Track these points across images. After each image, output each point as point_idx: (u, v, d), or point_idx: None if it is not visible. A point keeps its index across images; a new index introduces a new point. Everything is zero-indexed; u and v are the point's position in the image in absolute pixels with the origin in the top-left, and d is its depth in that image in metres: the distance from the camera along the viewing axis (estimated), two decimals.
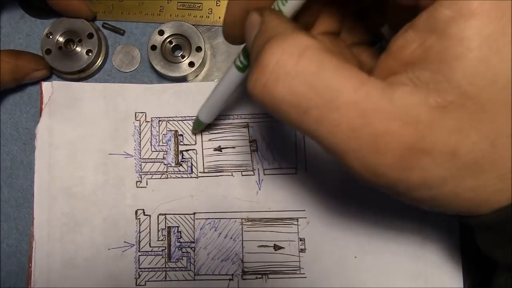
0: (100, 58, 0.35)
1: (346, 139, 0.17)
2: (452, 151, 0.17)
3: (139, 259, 0.33)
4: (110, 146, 0.34)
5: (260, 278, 0.33)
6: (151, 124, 0.34)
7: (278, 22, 0.19)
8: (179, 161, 0.34)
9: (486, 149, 0.17)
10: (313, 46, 0.18)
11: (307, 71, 0.17)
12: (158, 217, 0.33)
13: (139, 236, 0.33)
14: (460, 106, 0.16)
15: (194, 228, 0.33)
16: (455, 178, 0.17)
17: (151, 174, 0.34)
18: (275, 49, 0.18)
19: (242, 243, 0.33)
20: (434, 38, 0.16)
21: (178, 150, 0.34)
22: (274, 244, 0.33)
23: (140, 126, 0.34)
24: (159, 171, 0.34)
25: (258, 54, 0.18)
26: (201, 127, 0.33)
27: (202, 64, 0.34)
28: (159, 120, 0.34)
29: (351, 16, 0.25)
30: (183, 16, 0.35)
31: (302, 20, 0.23)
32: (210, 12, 0.35)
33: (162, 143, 0.34)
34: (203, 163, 0.34)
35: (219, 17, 0.35)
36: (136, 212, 0.33)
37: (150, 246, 0.33)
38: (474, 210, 0.18)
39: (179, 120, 0.34)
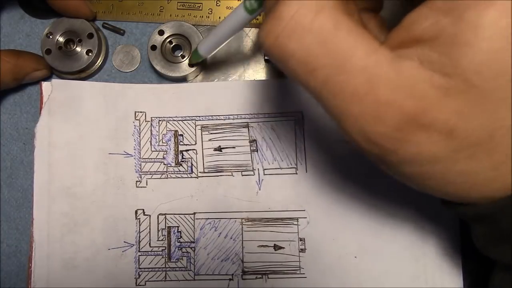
0: (100, 58, 0.35)
1: (348, 103, 0.17)
2: (450, 132, 0.17)
3: (139, 259, 0.33)
4: (110, 146, 0.34)
5: (260, 278, 0.33)
6: (151, 124, 0.34)
7: None
8: (179, 161, 0.34)
9: (483, 138, 0.17)
10: (331, 5, 0.17)
11: (322, 30, 0.17)
12: (158, 217, 0.33)
13: (139, 236, 0.33)
14: (464, 91, 0.16)
15: (194, 228, 0.33)
16: (448, 159, 0.17)
17: (151, 174, 0.34)
18: (292, 3, 0.17)
19: (242, 243, 0.33)
20: (448, 20, 0.16)
21: (178, 150, 0.34)
22: (274, 244, 0.33)
23: (139, 125, 0.34)
24: (159, 171, 0.34)
25: (273, 4, 0.18)
26: (197, 59, 0.32)
27: (202, 64, 0.34)
28: (159, 120, 0.34)
29: None
30: (183, 16, 0.35)
31: None
32: (210, 12, 0.35)
33: (162, 143, 0.34)
34: (203, 163, 0.34)
35: (219, 17, 0.35)
36: (136, 212, 0.33)
37: (150, 246, 0.33)
38: (462, 196, 0.18)
39: (179, 120, 0.34)
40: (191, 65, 0.34)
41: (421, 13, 0.17)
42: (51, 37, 0.34)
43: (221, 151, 0.34)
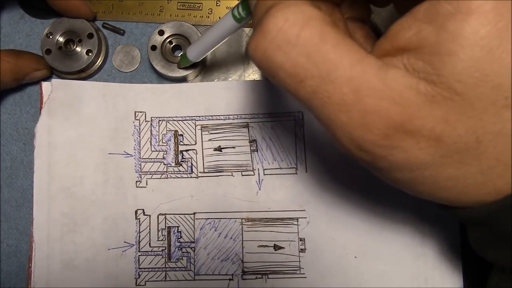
0: (100, 58, 0.35)
1: (336, 112, 0.18)
2: (437, 138, 0.17)
3: (139, 259, 0.33)
4: (109, 146, 0.34)
5: (260, 278, 0.33)
6: (151, 124, 0.34)
7: None
8: (179, 161, 0.34)
9: (471, 144, 0.17)
10: (317, 17, 0.18)
11: (308, 42, 0.17)
12: (158, 217, 0.33)
13: (139, 236, 0.33)
14: (448, 99, 0.16)
15: (194, 228, 0.33)
16: (437, 165, 0.17)
17: (151, 174, 0.34)
18: (278, 16, 0.18)
19: (242, 243, 0.33)
20: (430, 29, 0.17)
21: (178, 150, 0.34)
22: (274, 244, 0.33)
23: (139, 125, 0.34)
24: (159, 171, 0.34)
25: (261, 17, 0.18)
26: (186, 63, 0.33)
27: (202, 64, 0.34)
28: (159, 120, 0.34)
29: None
30: (183, 16, 0.35)
31: None
32: (210, 12, 0.35)
33: (162, 143, 0.34)
34: (203, 163, 0.34)
35: (219, 17, 0.35)
36: (136, 212, 0.33)
37: (150, 246, 0.33)
38: (454, 200, 0.19)
39: (179, 120, 0.34)
40: (181, 68, 0.34)
41: (405, 23, 0.18)
42: (51, 37, 0.34)
43: (221, 151, 0.34)
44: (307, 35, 0.17)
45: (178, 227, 0.33)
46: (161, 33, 0.34)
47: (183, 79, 0.35)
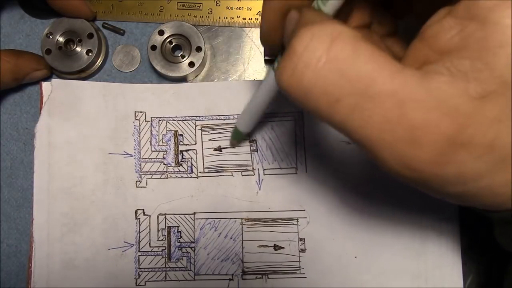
0: (100, 58, 0.35)
1: (379, 131, 0.16)
2: (491, 144, 0.16)
3: (139, 259, 0.33)
4: (109, 146, 0.34)
5: (260, 278, 0.33)
6: (151, 124, 0.34)
7: (315, 14, 0.19)
8: (179, 161, 0.34)
9: None
10: (347, 33, 0.17)
11: (339, 57, 0.16)
12: (158, 217, 0.33)
13: (139, 236, 0.33)
14: (502, 95, 0.16)
15: (194, 228, 0.33)
16: (491, 172, 0.16)
17: (151, 174, 0.34)
18: (304, 35, 0.17)
19: (242, 243, 0.33)
20: (474, 25, 0.16)
21: (178, 150, 0.34)
22: (274, 244, 0.33)
23: (139, 125, 0.34)
24: (159, 171, 0.34)
25: (289, 41, 0.17)
26: (240, 137, 0.32)
27: (202, 64, 0.34)
28: (159, 120, 0.34)
29: (379, 6, 0.24)
30: (183, 16, 0.35)
31: (337, 17, 0.23)
32: (210, 12, 0.35)
33: (162, 143, 0.34)
34: (203, 163, 0.34)
35: (219, 17, 0.35)
36: (136, 212, 0.33)
37: (150, 246, 0.33)
38: (506, 205, 0.18)
39: (179, 120, 0.34)
40: (235, 145, 0.33)
41: (443, 23, 0.17)
42: (51, 37, 0.34)
43: (221, 151, 0.34)
44: (338, 50, 0.16)
45: (178, 227, 0.33)
46: (161, 33, 0.34)
47: (183, 79, 0.35)
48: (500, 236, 0.20)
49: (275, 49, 0.23)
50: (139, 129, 0.34)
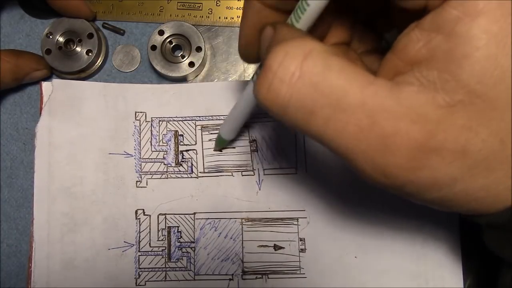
0: (100, 58, 0.35)
1: (354, 140, 0.17)
2: (462, 149, 0.16)
3: (139, 259, 0.33)
4: (110, 146, 0.34)
5: (260, 278, 0.33)
6: (151, 124, 0.34)
7: (288, 31, 0.19)
8: (179, 161, 0.34)
9: (496, 147, 0.16)
10: (318, 49, 0.17)
11: (312, 72, 0.17)
12: (158, 217, 0.33)
13: (139, 236, 0.33)
14: (469, 104, 0.16)
15: (194, 228, 0.33)
16: (466, 177, 0.17)
17: (151, 174, 0.34)
18: (279, 52, 0.17)
19: (242, 243, 0.33)
20: (440, 37, 0.16)
21: (178, 150, 0.34)
22: (274, 244, 0.33)
23: (140, 125, 0.34)
24: (159, 171, 0.34)
25: (265, 58, 0.18)
26: (223, 144, 0.33)
27: (202, 64, 0.34)
28: (159, 120, 0.34)
29: (360, 24, 0.25)
30: (183, 16, 0.35)
31: (314, 33, 0.23)
32: (210, 12, 0.35)
33: (162, 143, 0.34)
34: (203, 163, 0.34)
35: (219, 17, 0.35)
36: (136, 212, 0.33)
37: (150, 246, 0.33)
38: (485, 209, 0.18)
39: (179, 120, 0.34)
40: (218, 150, 0.34)
41: (412, 36, 0.17)
42: (51, 37, 0.34)
43: (221, 151, 0.34)
44: (310, 65, 0.17)
45: (178, 227, 0.33)
46: (161, 33, 0.34)
47: (183, 79, 0.35)
48: (488, 240, 0.20)
49: (254, 63, 0.24)
50: (140, 129, 0.34)
